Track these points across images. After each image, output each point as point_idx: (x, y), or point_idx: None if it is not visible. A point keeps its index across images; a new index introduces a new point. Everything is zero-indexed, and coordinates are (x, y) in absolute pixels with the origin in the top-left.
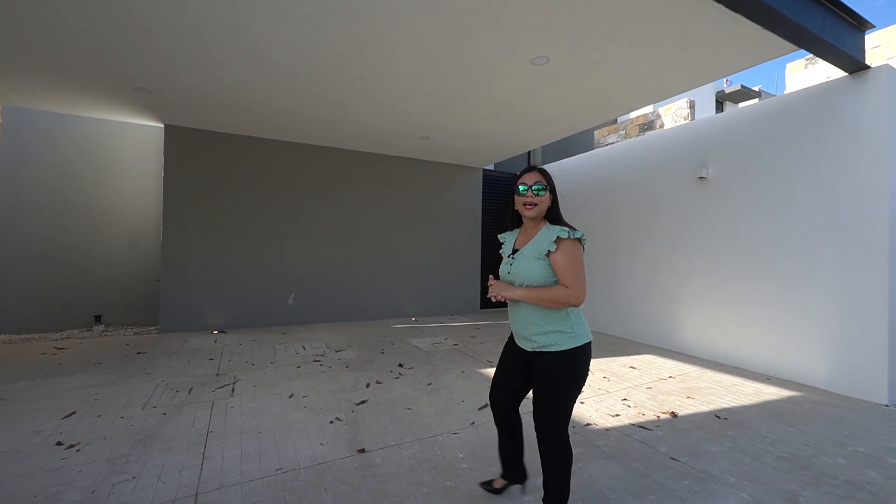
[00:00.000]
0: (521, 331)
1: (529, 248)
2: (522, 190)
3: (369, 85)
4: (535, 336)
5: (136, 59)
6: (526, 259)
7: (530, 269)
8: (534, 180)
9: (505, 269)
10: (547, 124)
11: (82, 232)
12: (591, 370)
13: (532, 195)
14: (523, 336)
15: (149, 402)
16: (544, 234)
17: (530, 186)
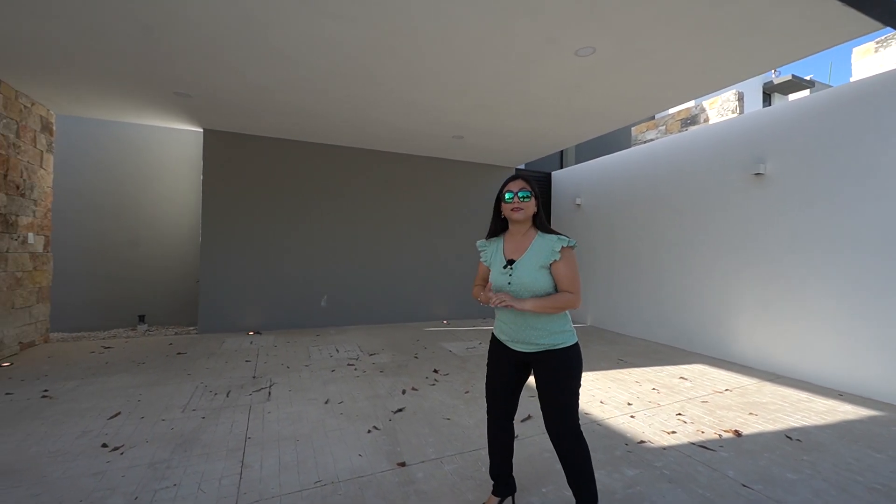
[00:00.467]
0: (525, 336)
1: (530, 258)
2: (509, 197)
3: (401, 84)
4: (541, 339)
5: (177, 64)
6: (529, 269)
7: (536, 278)
8: (519, 187)
9: (504, 280)
10: (586, 121)
11: (127, 235)
12: (640, 381)
13: (518, 201)
14: (526, 341)
15: (188, 405)
16: (542, 243)
17: (516, 193)
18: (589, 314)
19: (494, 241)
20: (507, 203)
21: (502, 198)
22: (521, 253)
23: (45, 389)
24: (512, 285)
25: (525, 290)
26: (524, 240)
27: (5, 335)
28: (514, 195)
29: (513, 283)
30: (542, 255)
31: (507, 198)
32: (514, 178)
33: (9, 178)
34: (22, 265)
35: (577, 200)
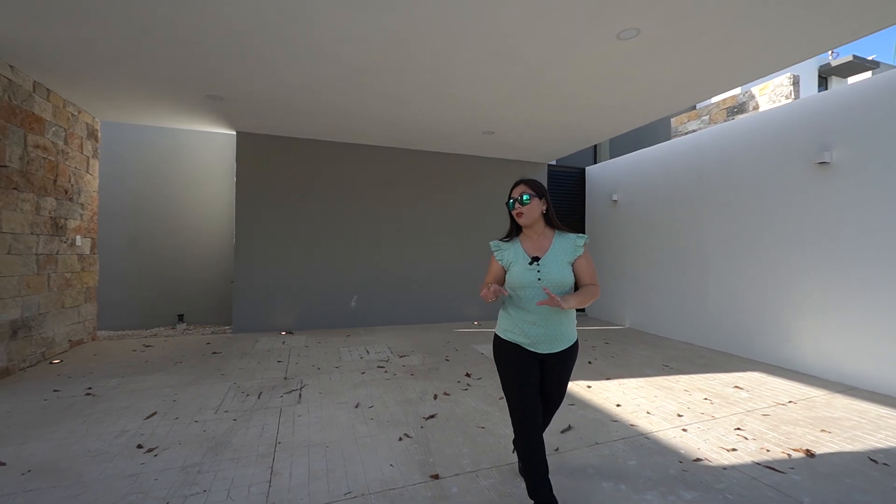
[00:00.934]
0: (558, 335)
1: (555, 254)
2: (511, 204)
3: (434, 77)
4: (568, 335)
5: (207, 67)
6: (557, 265)
7: (564, 273)
8: (520, 192)
9: (532, 276)
10: (625, 111)
11: (166, 236)
12: (689, 389)
13: (519, 206)
14: (557, 340)
15: (221, 406)
16: (563, 241)
17: (517, 199)
18: (627, 316)
19: (509, 242)
20: (512, 209)
21: (509, 205)
22: (544, 251)
23: (90, 387)
24: (542, 281)
25: (554, 284)
26: (542, 239)
27: (56, 333)
28: (515, 201)
29: (543, 278)
30: (567, 251)
31: (510, 205)
32: (517, 184)
33: (58, 183)
34: (70, 266)
35: (613, 196)
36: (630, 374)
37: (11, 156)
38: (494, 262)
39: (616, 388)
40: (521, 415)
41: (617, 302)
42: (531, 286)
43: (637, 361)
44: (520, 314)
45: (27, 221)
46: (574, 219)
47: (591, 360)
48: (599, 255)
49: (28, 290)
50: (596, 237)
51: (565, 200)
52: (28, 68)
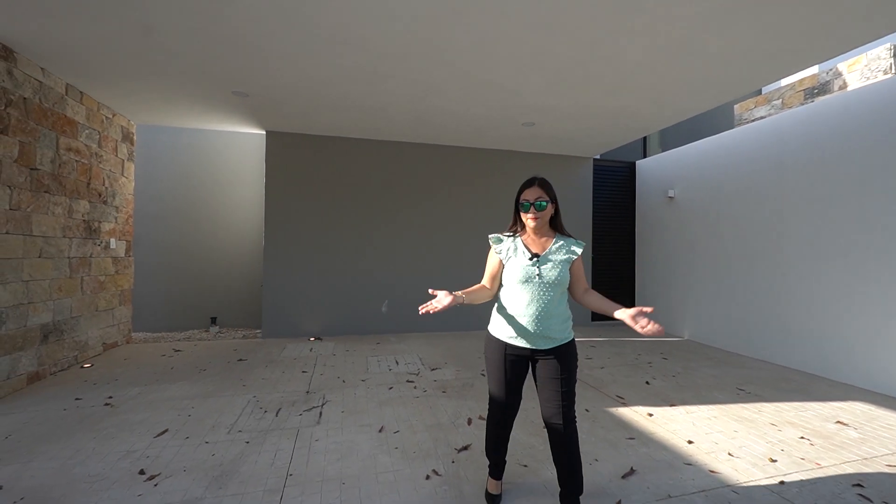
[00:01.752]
0: (549, 332)
1: (555, 253)
2: (525, 206)
3: (468, 60)
4: (558, 333)
5: (230, 61)
6: (555, 265)
7: (562, 271)
8: (535, 197)
9: (532, 272)
10: (694, 91)
11: (200, 238)
12: (777, 423)
13: (535, 211)
14: (545, 336)
15: (235, 425)
16: (563, 243)
17: (532, 203)
18: (685, 327)
19: (510, 237)
20: (524, 211)
21: (522, 206)
22: (544, 249)
23: (110, 396)
24: (541, 278)
25: (552, 282)
26: (543, 239)
27: (90, 336)
28: (530, 205)
29: (542, 274)
30: (565, 252)
31: (524, 206)
32: (531, 185)
33: (91, 185)
34: (105, 269)
35: (669, 192)
36: (698, 398)
37: (43, 159)
38: (493, 255)
39: (683, 418)
40: (502, 407)
41: (672, 310)
42: (530, 282)
43: (704, 382)
44: (513, 310)
45: (59, 225)
46: (623, 218)
47: (648, 381)
48: (652, 257)
49: (60, 294)
50: (648, 237)
51: (613, 198)
52: (60, 70)
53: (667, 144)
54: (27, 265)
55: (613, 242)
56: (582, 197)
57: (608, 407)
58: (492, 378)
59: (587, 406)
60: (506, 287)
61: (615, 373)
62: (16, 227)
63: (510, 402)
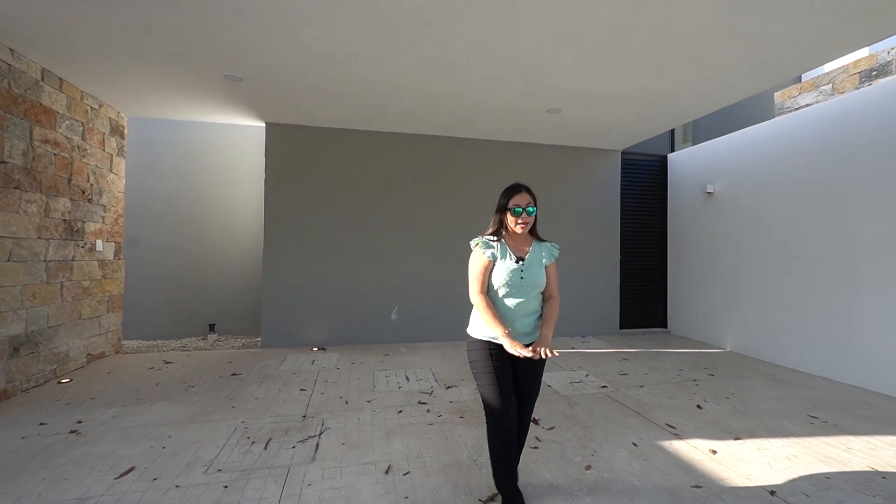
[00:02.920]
0: (528, 331)
1: (535, 257)
2: (518, 211)
3: (489, 29)
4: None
5: (219, 37)
6: (537, 268)
7: (541, 273)
8: (526, 202)
9: (517, 274)
10: (746, 71)
11: (198, 240)
12: (877, 465)
13: (526, 216)
14: (528, 333)
15: (215, 461)
16: (541, 247)
17: (525, 208)
18: (727, 337)
19: (495, 242)
20: (516, 216)
21: (510, 209)
22: (526, 254)
23: (79, 421)
24: (524, 280)
25: (532, 284)
26: (524, 244)
27: (71, 347)
28: (522, 210)
29: (525, 277)
30: (544, 257)
31: (516, 211)
32: (519, 191)
33: (73, 182)
34: (89, 273)
35: (707, 188)
36: (765, 429)
37: (12, 151)
38: (482, 257)
39: (756, 457)
40: (501, 411)
41: (712, 318)
42: (513, 285)
43: (766, 407)
44: (499, 310)
45: (33, 224)
46: (653, 216)
47: (700, 404)
48: (687, 259)
49: (34, 301)
50: (682, 237)
51: (642, 194)
52: (34, 53)
53: (698, 137)
54: None
55: (643, 242)
56: (609, 193)
57: (659, 440)
58: (483, 382)
59: (634, 439)
60: (492, 289)
61: (658, 393)
62: None
63: (507, 404)
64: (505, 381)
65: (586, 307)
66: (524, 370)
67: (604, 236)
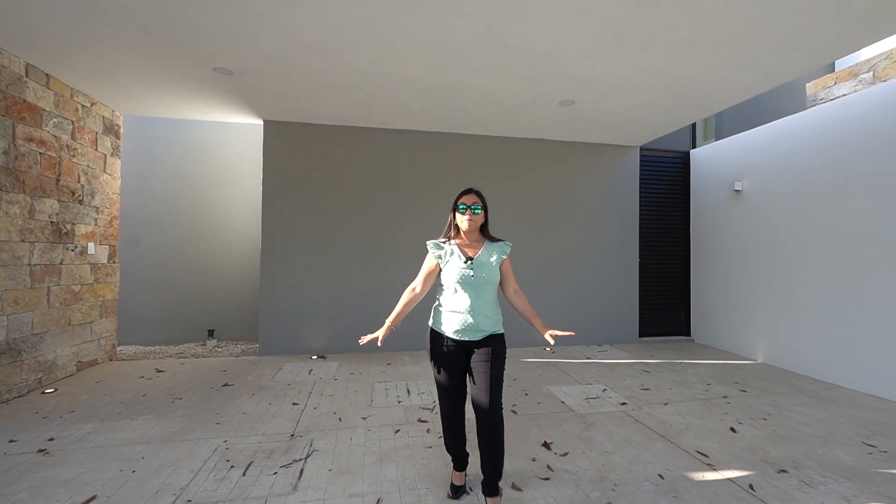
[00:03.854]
0: (479, 324)
1: (486, 255)
2: (463, 209)
3: (496, 10)
4: (489, 326)
5: (204, 24)
6: (487, 265)
7: (492, 270)
8: (472, 201)
9: (467, 272)
10: (782, 53)
11: (197, 242)
12: None
13: (471, 213)
14: (479, 329)
15: (187, 490)
16: (493, 246)
17: (469, 207)
18: (758, 347)
19: (446, 243)
20: (462, 213)
21: (458, 207)
22: (476, 253)
23: (51, 438)
24: (475, 277)
25: (484, 279)
26: (475, 243)
27: (59, 355)
28: (467, 208)
29: (475, 274)
30: (495, 254)
31: (462, 209)
32: (468, 193)
33: (62, 183)
34: (80, 278)
35: (735, 185)
36: (814, 459)
37: None
38: (431, 258)
39: (806, 497)
40: (448, 396)
41: (740, 326)
42: (465, 282)
43: (811, 431)
44: (451, 307)
45: (15, 227)
46: (675, 216)
47: (733, 426)
48: (712, 262)
49: (17, 307)
50: (706, 238)
51: (663, 192)
52: (15, 47)
53: (720, 133)
54: None
55: (664, 244)
56: (626, 192)
57: (690, 471)
58: (435, 367)
59: (660, 469)
60: (445, 287)
61: (685, 412)
62: None
63: (456, 390)
64: (452, 367)
65: (603, 314)
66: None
67: (621, 238)
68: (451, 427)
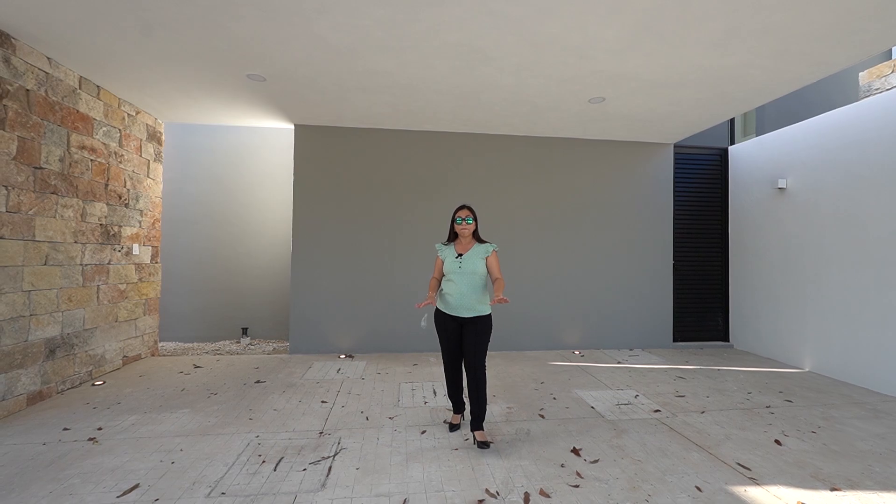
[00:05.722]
0: (466, 304)
1: (473, 254)
2: (459, 221)
3: (520, 8)
4: (475, 306)
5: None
6: (473, 261)
7: (477, 266)
8: (465, 215)
9: (456, 265)
10: (834, 41)
11: (232, 243)
12: None
13: (465, 224)
14: (466, 307)
15: (221, 482)
16: (479, 247)
17: (464, 220)
18: (806, 355)
19: (447, 245)
20: (458, 224)
21: (455, 219)
22: (466, 251)
23: (100, 427)
24: (462, 269)
25: (470, 272)
26: (467, 244)
27: (107, 350)
28: (462, 220)
29: (462, 267)
30: (480, 252)
31: (458, 221)
32: (462, 209)
33: (110, 187)
34: (126, 277)
35: (779, 183)
36: (872, 479)
37: (49, 157)
38: (438, 256)
39: None
40: (447, 358)
41: (785, 332)
42: (453, 272)
43: (867, 447)
44: (447, 291)
45: (70, 229)
46: (712, 216)
47: (779, 438)
48: (754, 264)
49: (70, 304)
50: (746, 239)
51: (699, 192)
52: (70, 61)
53: (761, 128)
54: (29, 273)
55: (700, 245)
56: (660, 191)
57: (731, 485)
58: (440, 339)
59: (698, 481)
60: (444, 277)
61: (724, 422)
62: (14, 231)
63: (452, 353)
64: (449, 334)
65: (634, 316)
66: (468, 338)
67: (654, 239)
68: (451, 378)
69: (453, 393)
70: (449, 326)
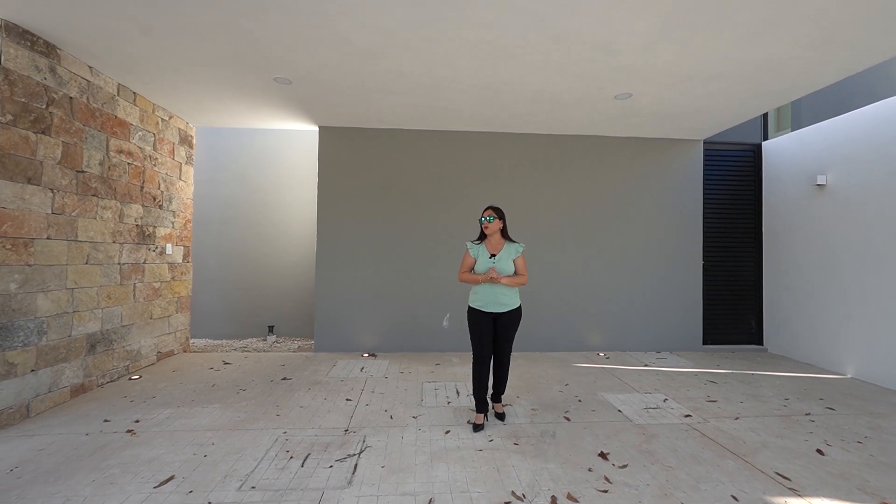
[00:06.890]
0: (500, 300)
1: (505, 253)
2: (482, 221)
3: (545, 6)
4: (509, 301)
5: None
6: (506, 260)
7: (508, 264)
8: (487, 214)
9: (490, 264)
10: (880, 28)
11: (259, 243)
12: None
13: (487, 223)
14: (500, 303)
15: (251, 476)
16: (510, 246)
17: (486, 218)
18: (848, 361)
19: (478, 244)
20: (482, 224)
21: (480, 220)
22: (498, 251)
23: (137, 420)
24: (496, 267)
25: (502, 270)
26: (497, 244)
27: (143, 345)
28: (485, 220)
29: (497, 266)
30: (511, 253)
31: (482, 221)
32: (487, 209)
33: (145, 189)
34: (160, 276)
35: (818, 179)
36: None
37: (90, 161)
38: (468, 255)
39: None
40: (479, 352)
41: (825, 335)
42: (488, 271)
43: None
44: (480, 289)
45: (109, 230)
46: (745, 214)
47: (821, 448)
48: (790, 265)
49: (109, 302)
50: (782, 238)
51: (730, 189)
52: (110, 69)
53: (797, 122)
54: (72, 272)
55: (732, 244)
56: (689, 189)
57: (768, 494)
58: (472, 335)
59: (733, 490)
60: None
61: (759, 429)
62: (58, 231)
63: (486, 349)
64: (482, 330)
65: (662, 318)
66: (501, 330)
67: (683, 239)
68: (479, 374)
69: (479, 390)
70: (483, 322)
